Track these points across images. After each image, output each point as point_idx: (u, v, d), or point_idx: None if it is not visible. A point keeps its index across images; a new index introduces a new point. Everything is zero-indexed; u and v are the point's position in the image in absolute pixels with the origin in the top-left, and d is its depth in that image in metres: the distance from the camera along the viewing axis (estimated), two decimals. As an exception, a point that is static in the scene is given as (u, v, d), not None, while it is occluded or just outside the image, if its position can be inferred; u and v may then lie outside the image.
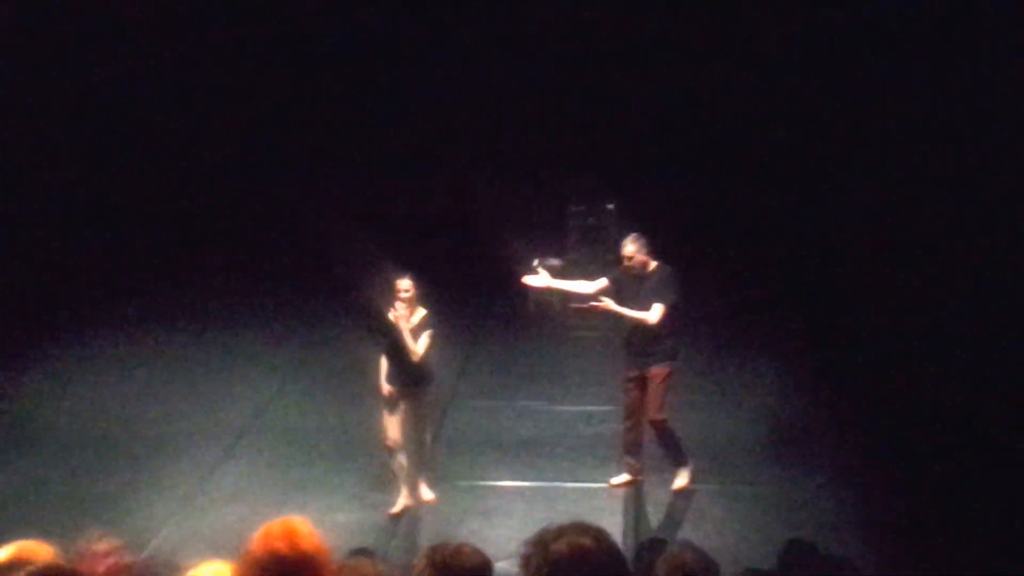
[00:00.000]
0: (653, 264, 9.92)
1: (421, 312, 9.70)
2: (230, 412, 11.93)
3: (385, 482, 9.98)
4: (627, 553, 6.29)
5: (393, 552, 9.00)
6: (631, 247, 9.88)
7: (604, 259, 15.24)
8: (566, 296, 14.39)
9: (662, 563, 4.23)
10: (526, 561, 3.41)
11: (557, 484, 10.32)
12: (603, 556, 3.37)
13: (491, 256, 16.56)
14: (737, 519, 9.76)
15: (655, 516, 9.81)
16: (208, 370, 13.10)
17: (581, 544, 3.34)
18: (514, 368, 13.47)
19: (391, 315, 9.55)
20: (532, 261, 15.64)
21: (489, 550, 3.86)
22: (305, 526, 3.97)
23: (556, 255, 15.75)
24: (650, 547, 5.44)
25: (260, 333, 14.31)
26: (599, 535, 3.43)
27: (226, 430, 11.52)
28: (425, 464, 9.95)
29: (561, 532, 3.40)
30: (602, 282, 10.06)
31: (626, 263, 9.91)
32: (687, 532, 9.29)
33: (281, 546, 3.88)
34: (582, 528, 3.43)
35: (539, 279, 10.12)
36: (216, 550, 4.28)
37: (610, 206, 15.63)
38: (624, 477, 10.30)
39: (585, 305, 10.45)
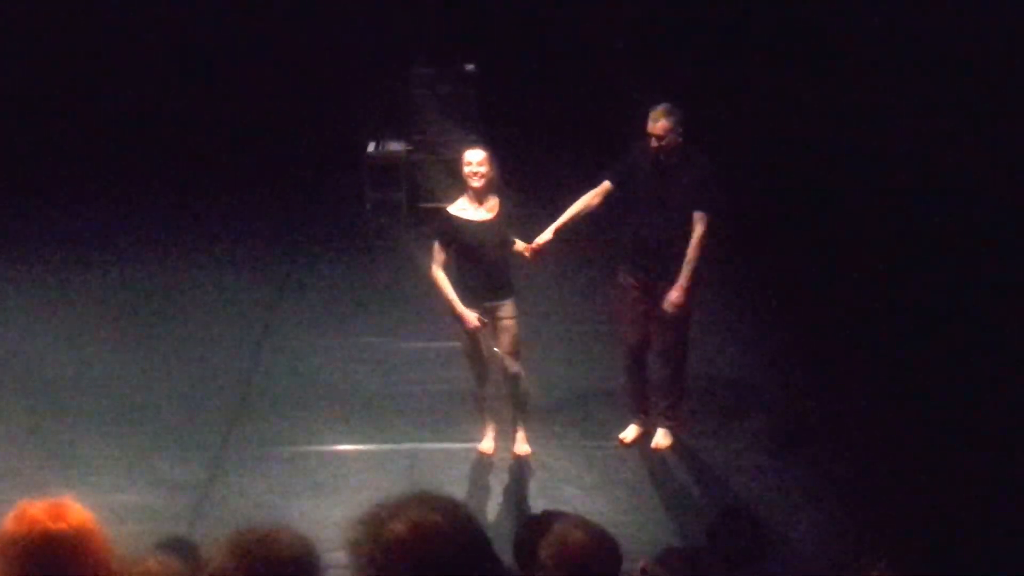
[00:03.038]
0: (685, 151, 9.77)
1: (495, 201, 9.80)
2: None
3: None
4: (505, 533, 6.52)
5: (199, 542, 9.02)
6: (663, 122, 9.58)
7: (463, 139, 15.35)
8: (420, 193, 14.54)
9: (547, 544, 4.46)
10: (355, 547, 3.49)
11: (409, 446, 10.52)
12: (455, 536, 3.47)
13: (309, 140, 16.68)
14: (659, 486, 10.10)
15: (548, 484, 10.06)
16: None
17: (425, 522, 3.43)
18: (347, 293, 13.62)
19: (456, 209, 9.76)
20: (367, 146, 15.83)
21: (323, 535, 3.99)
22: (73, 503, 4.12)
23: (398, 136, 15.79)
24: (536, 524, 5.60)
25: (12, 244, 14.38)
26: (450, 509, 3.53)
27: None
28: (523, 404, 10.25)
29: (399, 508, 3.49)
30: (603, 186, 9.97)
31: (654, 145, 9.65)
32: (593, 504, 9.56)
33: (44, 520, 4.02)
34: (427, 501, 3.51)
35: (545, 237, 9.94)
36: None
37: (470, 67, 15.68)
38: (635, 431, 10.54)
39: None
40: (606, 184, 9.99)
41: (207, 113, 16.67)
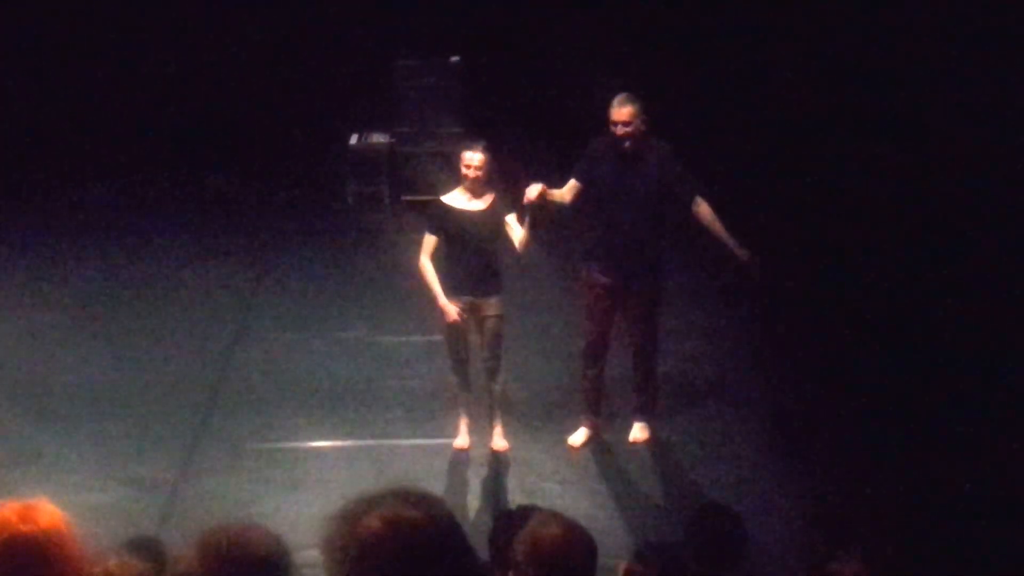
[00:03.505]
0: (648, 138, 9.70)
1: (490, 194, 9.82)
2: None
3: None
4: (482, 528, 6.49)
5: (168, 543, 8.98)
6: (630, 107, 9.51)
7: (448, 132, 15.33)
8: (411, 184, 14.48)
9: (522, 539, 4.44)
10: (329, 544, 3.44)
11: (388, 442, 10.51)
12: (431, 531, 3.43)
13: (292, 131, 16.64)
14: (636, 481, 10.12)
15: (525, 479, 10.05)
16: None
17: (400, 517, 3.40)
18: (323, 287, 13.55)
19: (450, 199, 9.79)
20: (350, 138, 15.79)
21: (296, 533, 3.94)
22: (44, 504, 4.06)
23: (381, 127, 15.76)
24: (512, 518, 5.61)
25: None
26: (426, 504, 3.48)
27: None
28: (501, 400, 10.25)
29: (374, 503, 3.44)
30: (571, 184, 9.88)
31: (620, 132, 9.57)
32: (570, 499, 9.57)
33: (14, 522, 3.95)
34: (403, 495, 3.47)
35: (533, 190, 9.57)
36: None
37: (454, 59, 15.65)
38: (584, 434, 10.45)
39: None
40: (573, 182, 9.91)
41: (186, 104, 16.61)
